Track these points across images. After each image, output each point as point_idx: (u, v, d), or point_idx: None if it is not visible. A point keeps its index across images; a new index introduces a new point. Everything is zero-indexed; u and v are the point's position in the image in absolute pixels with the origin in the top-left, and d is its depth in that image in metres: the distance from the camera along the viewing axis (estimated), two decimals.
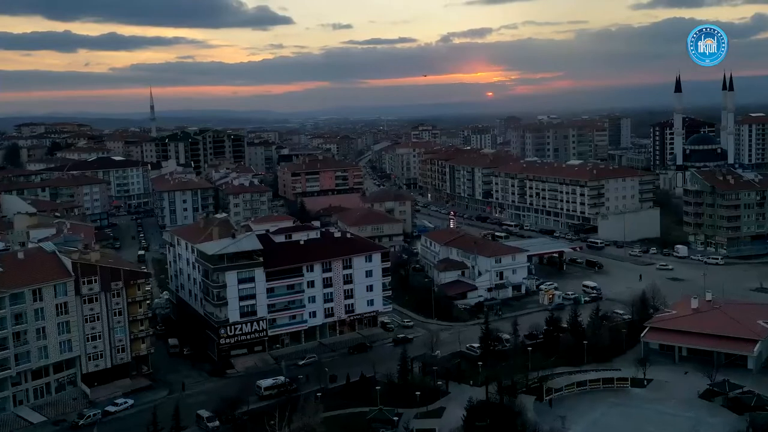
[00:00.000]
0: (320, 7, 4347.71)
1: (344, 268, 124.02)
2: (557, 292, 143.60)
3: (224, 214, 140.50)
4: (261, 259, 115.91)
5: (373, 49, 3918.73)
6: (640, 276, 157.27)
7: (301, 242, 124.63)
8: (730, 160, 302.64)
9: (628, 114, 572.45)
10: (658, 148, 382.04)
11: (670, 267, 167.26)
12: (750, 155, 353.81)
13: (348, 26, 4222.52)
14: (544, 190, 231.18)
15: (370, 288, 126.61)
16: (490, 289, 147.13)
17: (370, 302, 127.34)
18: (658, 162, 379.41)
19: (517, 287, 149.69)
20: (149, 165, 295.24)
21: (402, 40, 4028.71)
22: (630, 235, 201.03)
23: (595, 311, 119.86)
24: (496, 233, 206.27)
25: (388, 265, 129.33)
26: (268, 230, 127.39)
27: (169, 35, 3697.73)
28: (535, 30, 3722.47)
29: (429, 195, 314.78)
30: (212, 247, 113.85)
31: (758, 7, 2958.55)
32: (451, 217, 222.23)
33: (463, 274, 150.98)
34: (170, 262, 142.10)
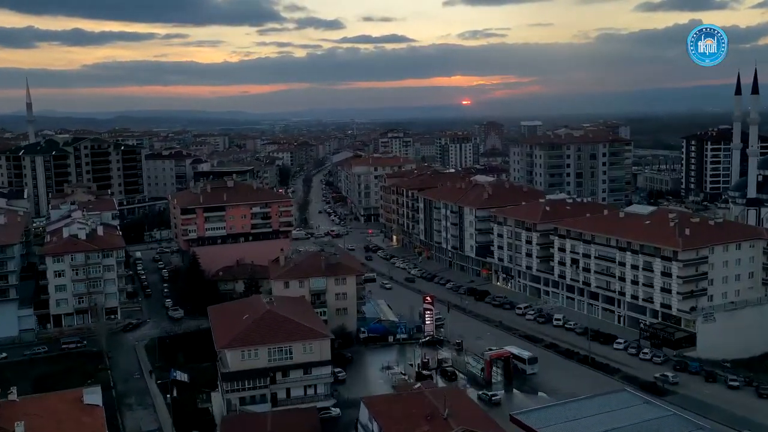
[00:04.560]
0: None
1: None
2: None
3: None
4: None
5: (357, 51, 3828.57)
6: None
7: None
8: None
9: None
10: (693, 167, 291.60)
11: None
12: None
13: (337, 22, 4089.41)
14: (587, 256, 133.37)
15: None
16: None
17: None
18: (692, 186, 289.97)
19: None
20: None
21: (394, 38, 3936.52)
22: (748, 348, 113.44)
23: None
24: (514, 353, 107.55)
25: None
26: None
27: (143, 31, 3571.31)
28: (526, 33, 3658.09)
29: (394, 238, 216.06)
30: None
31: (763, 11, 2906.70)
32: (428, 305, 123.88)
33: None
34: None
